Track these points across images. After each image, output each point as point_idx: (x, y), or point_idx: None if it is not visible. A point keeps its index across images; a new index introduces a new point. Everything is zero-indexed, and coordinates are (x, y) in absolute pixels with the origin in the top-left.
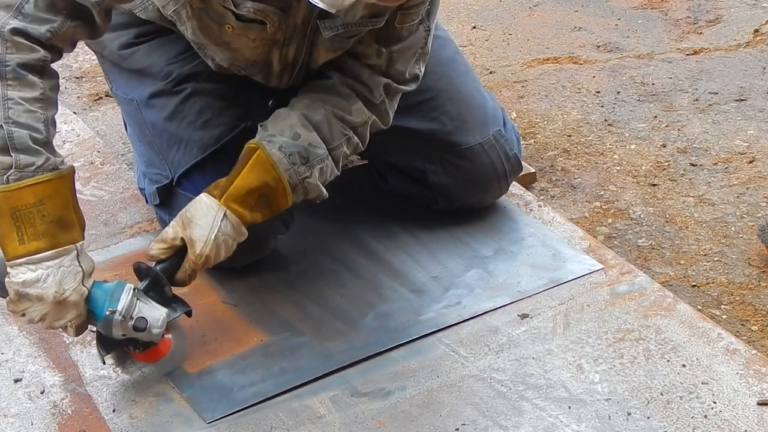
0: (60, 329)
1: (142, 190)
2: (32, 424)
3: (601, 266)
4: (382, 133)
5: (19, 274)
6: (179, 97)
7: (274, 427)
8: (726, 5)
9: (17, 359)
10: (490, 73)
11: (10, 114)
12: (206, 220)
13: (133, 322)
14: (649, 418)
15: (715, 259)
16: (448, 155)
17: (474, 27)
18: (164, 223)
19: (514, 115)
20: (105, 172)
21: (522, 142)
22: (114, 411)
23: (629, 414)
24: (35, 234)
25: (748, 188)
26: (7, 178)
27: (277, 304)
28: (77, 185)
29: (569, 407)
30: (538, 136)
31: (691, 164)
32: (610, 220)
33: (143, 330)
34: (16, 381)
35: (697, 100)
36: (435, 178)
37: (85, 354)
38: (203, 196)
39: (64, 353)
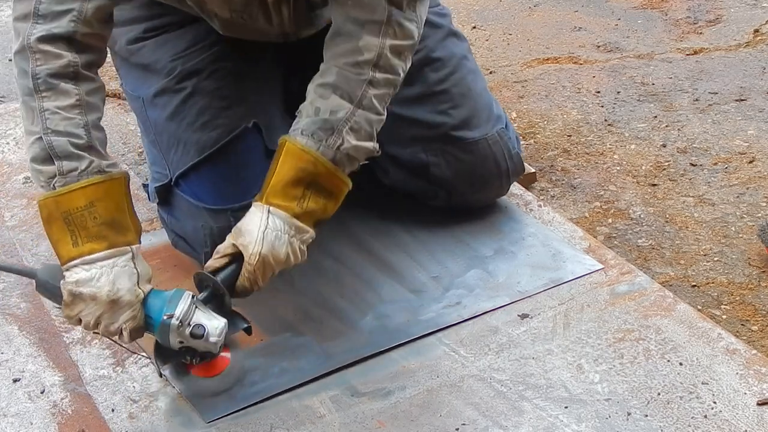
0: (116, 337)
1: (145, 186)
2: (32, 424)
3: (601, 266)
4: (389, 124)
5: (73, 275)
6: (180, 96)
7: (274, 427)
8: (726, 5)
9: (17, 359)
10: (490, 73)
11: (48, 124)
12: (254, 222)
13: (190, 329)
14: (649, 417)
15: (715, 259)
16: (452, 148)
17: (474, 27)
18: (164, 223)
19: (514, 114)
20: None
21: (522, 142)
22: (114, 411)
23: (629, 414)
24: (88, 236)
25: (748, 188)
26: (54, 185)
27: (277, 304)
28: None
29: (569, 407)
30: (538, 136)
31: (691, 164)
32: (610, 220)
33: (201, 337)
34: (16, 381)
35: (697, 100)
36: (437, 170)
37: (85, 354)
38: (250, 207)
39: (64, 353)
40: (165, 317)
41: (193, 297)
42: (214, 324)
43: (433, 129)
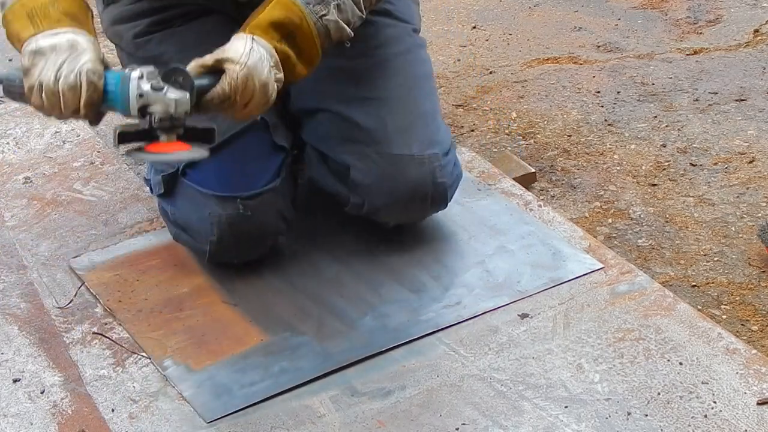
0: (75, 90)
1: (147, 180)
2: (32, 424)
3: (601, 266)
4: (327, 119)
5: (33, 42)
6: None
7: (274, 427)
8: (726, 5)
9: (17, 359)
10: (490, 73)
11: None
12: (238, 44)
13: (150, 83)
14: (649, 417)
15: (715, 259)
16: (377, 156)
17: (474, 27)
18: (166, 215)
19: (514, 114)
20: (105, 172)
21: (522, 142)
22: (114, 411)
23: (629, 414)
24: (50, 21)
25: (748, 188)
26: (11, 4)
27: (277, 304)
28: (78, 185)
29: (569, 407)
30: (538, 136)
31: (691, 164)
32: (610, 220)
33: (160, 90)
34: (16, 381)
35: (697, 100)
36: (357, 175)
37: (85, 354)
38: (233, 37)
39: (64, 353)
40: (127, 70)
41: (159, 71)
42: (176, 90)
43: (365, 133)
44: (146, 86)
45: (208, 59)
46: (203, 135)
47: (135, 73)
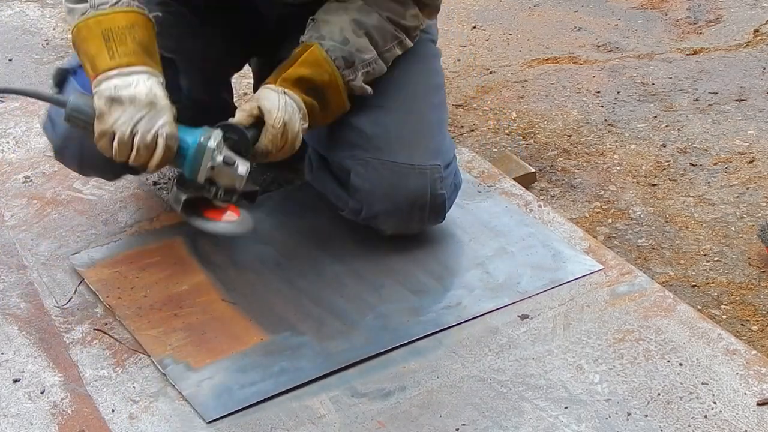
0: (150, 150)
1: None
2: (32, 425)
3: (601, 267)
4: (332, 124)
5: (111, 82)
6: None
7: (274, 427)
8: (726, 5)
9: (17, 359)
10: (490, 73)
11: None
12: (272, 97)
13: (223, 155)
14: (649, 418)
15: (715, 259)
16: (378, 164)
17: (474, 27)
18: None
19: (514, 114)
20: None
21: (522, 142)
22: (114, 411)
23: (629, 414)
24: (126, 51)
25: (748, 188)
26: (86, 18)
27: (277, 304)
28: (78, 184)
29: (569, 407)
30: (538, 136)
31: (691, 164)
32: (610, 220)
33: (232, 165)
34: (16, 381)
35: (697, 100)
36: (357, 180)
37: (86, 354)
38: (262, 87)
39: (64, 353)
40: (202, 138)
41: (223, 134)
42: (242, 160)
43: (367, 139)
44: (219, 158)
45: (253, 110)
46: (248, 195)
47: (211, 143)
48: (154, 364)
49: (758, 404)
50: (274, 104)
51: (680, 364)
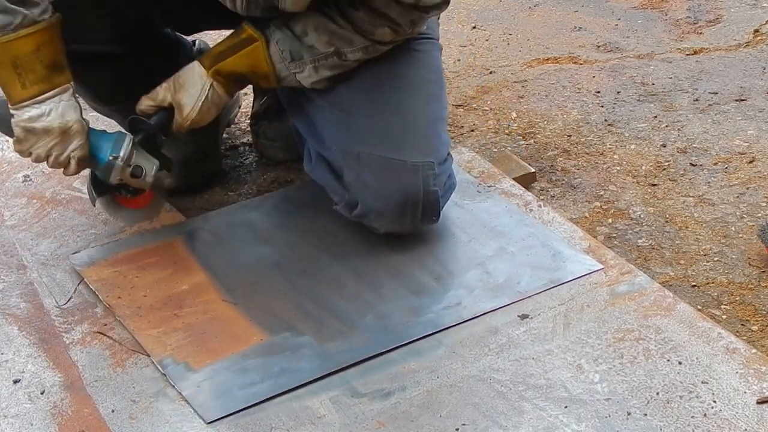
0: (63, 166)
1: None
2: (32, 425)
3: (601, 266)
4: (325, 116)
5: (24, 113)
6: None
7: (274, 428)
8: (726, 5)
9: (17, 359)
10: (490, 73)
11: None
12: (195, 87)
13: (131, 169)
14: (648, 417)
15: (715, 259)
16: (371, 160)
17: (474, 27)
18: None
19: (514, 114)
20: None
21: (522, 142)
22: (114, 412)
23: (629, 413)
24: (36, 79)
25: (748, 188)
26: None
27: (277, 304)
28: (77, 184)
29: (569, 407)
30: (538, 136)
31: (691, 164)
32: (610, 220)
33: (139, 177)
34: (16, 382)
35: (697, 100)
36: (350, 176)
37: (85, 354)
38: (195, 64)
39: (64, 353)
40: (111, 158)
41: (133, 140)
42: (149, 165)
43: (361, 135)
44: (127, 171)
45: (164, 101)
46: (165, 166)
47: (118, 163)
48: (153, 365)
49: (758, 403)
50: (191, 99)
51: (680, 363)
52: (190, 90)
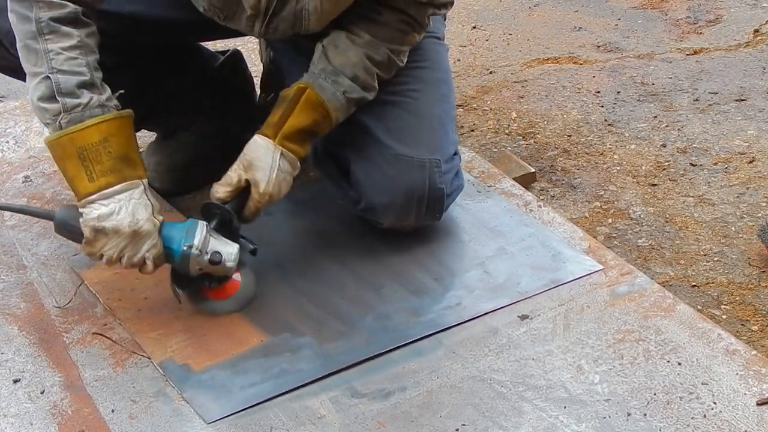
0: (139, 266)
1: None
2: (32, 425)
3: (601, 267)
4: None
5: (93, 211)
6: None
7: (274, 428)
8: (726, 5)
9: (17, 359)
10: (490, 73)
11: (53, 64)
12: (266, 161)
13: (208, 257)
14: (648, 418)
15: (715, 259)
16: (378, 155)
17: (474, 27)
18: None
19: (514, 114)
20: None
21: (522, 142)
22: (114, 411)
23: (629, 414)
24: (103, 170)
25: (748, 188)
26: (60, 122)
27: (277, 304)
28: None
29: (569, 408)
30: (538, 136)
31: (691, 164)
32: (610, 220)
33: (218, 263)
34: (16, 381)
35: (697, 100)
36: (357, 171)
37: (85, 354)
38: (258, 138)
39: (64, 353)
40: (185, 248)
41: (206, 226)
42: (228, 250)
43: (369, 131)
44: (205, 259)
45: (239, 183)
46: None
47: (194, 252)
48: (153, 365)
49: (758, 404)
50: (265, 174)
51: (680, 364)
52: (260, 165)
